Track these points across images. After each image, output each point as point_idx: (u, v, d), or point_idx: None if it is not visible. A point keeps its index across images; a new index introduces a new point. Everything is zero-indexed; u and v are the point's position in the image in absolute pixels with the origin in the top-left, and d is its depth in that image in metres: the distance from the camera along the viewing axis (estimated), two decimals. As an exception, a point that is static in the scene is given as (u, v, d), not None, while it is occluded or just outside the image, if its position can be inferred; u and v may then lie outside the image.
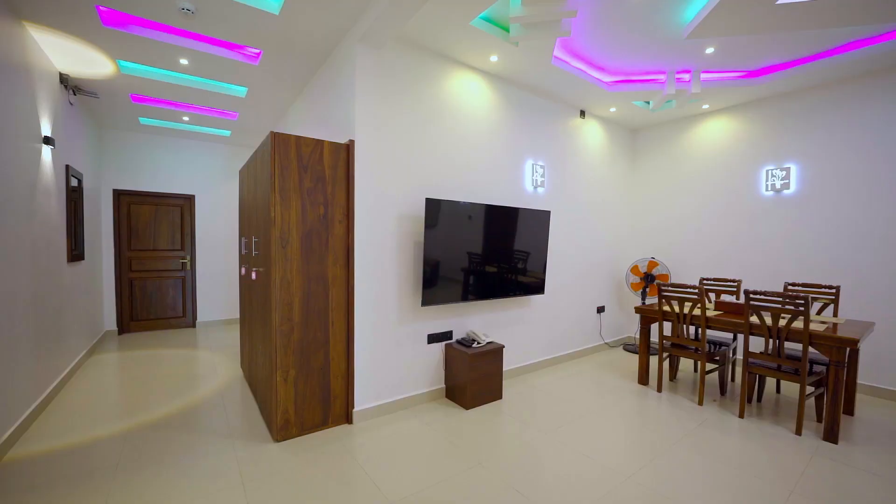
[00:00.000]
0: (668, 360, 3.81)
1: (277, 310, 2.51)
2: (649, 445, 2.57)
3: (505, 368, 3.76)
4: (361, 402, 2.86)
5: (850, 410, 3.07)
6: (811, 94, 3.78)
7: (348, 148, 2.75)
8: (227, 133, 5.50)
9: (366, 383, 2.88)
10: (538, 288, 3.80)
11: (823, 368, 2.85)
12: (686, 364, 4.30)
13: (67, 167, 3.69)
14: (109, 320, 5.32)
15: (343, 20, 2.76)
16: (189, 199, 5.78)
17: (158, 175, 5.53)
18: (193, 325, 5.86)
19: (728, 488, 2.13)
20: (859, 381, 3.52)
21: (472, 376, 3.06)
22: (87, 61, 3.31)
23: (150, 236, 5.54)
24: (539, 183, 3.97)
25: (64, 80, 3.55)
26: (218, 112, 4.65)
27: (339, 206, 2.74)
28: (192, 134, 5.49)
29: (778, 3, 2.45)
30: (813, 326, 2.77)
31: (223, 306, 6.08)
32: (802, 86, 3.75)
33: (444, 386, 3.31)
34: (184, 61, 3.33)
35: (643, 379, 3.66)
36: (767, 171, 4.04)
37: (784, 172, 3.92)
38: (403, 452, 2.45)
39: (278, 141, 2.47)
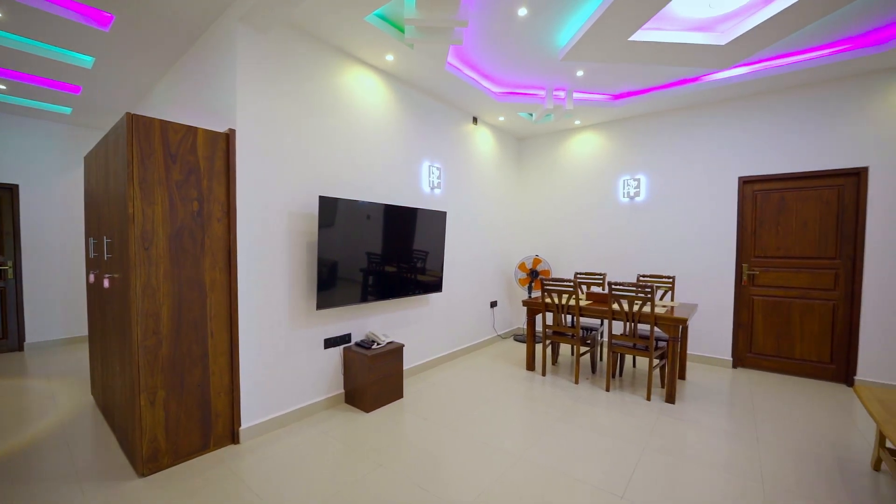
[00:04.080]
0: (550, 346, 4.26)
1: (139, 322, 2.15)
2: (537, 425, 2.84)
3: (406, 367, 3.79)
4: (250, 418, 2.61)
5: (683, 376, 3.80)
6: (656, 118, 4.57)
7: (228, 138, 2.48)
8: (66, 110, 4.51)
9: (254, 397, 2.63)
10: (436, 286, 3.92)
11: (665, 344, 3.48)
12: (565, 349, 4.85)
13: None
14: None
15: (221, -4, 2.48)
16: (10, 190, 4.59)
17: (-42, 158, 4.29)
18: (20, 349, 4.68)
19: (598, 452, 2.47)
20: (688, 351, 4.38)
21: (372, 378, 3.02)
22: None
23: (-54, 237, 4.27)
24: (435, 184, 4.09)
25: None
26: (52, 83, 3.79)
27: (218, 201, 2.45)
28: (12, 108, 4.37)
29: (629, 39, 2.91)
30: (657, 310, 3.36)
31: (64, 322, 4.97)
32: (650, 110, 4.51)
33: (343, 391, 3.20)
34: (-3, 16, 2.63)
35: (530, 365, 4.03)
36: (624, 181, 4.77)
37: (636, 182, 4.68)
38: (299, 466, 2.31)
39: (138, 124, 2.12)
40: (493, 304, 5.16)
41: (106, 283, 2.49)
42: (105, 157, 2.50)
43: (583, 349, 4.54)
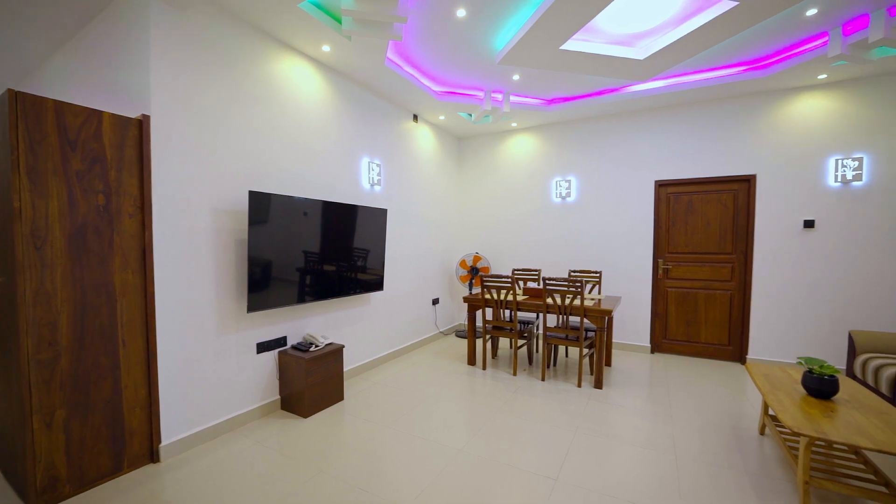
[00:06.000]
0: (490, 340, 4.39)
1: (31, 333, 1.86)
2: (477, 417, 2.92)
3: (346, 368, 3.69)
4: (171, 433, 2.38)
5: (609, 362, 4.13)
6: (585, 123, 4.89)
7: (141, 124, 2.24)
8: (-77, 84, 3.77)
9: (176, 410, 2.41)
10: (378, 284, 3.86)
11: (593, 334, 3.75)
12: (504, 342, 5.03)
13: None
14: None
15: (130, -35, 2.22)
16: None
17: None
18: None
19: (534, 439, 2.60)
20: (614, 339, 4.76)
21: (310, 382, 2.90)
22: None
23: None
24: (376, 181, 4.02)
25: None
26: None
27: (129, 195, 2.20)
28: None
29: (561, 48, 3.09)
30: (586, 303, 3.61)
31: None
32: (580, 116, 4.81)
33: (279, 397, 3.04)
34: None
35: (471, 360, 4.13)
36: (556, 182, 5.05)
37: (567, 184, 4.97)
38: (230, 480, 2.16)
39: (24, 103, 1.83)
40: (435, 302, 5.20)
41: (-16, 289, 2.12)
42: (-19, 142, 2.13)
43: (520, 342, 4.74)
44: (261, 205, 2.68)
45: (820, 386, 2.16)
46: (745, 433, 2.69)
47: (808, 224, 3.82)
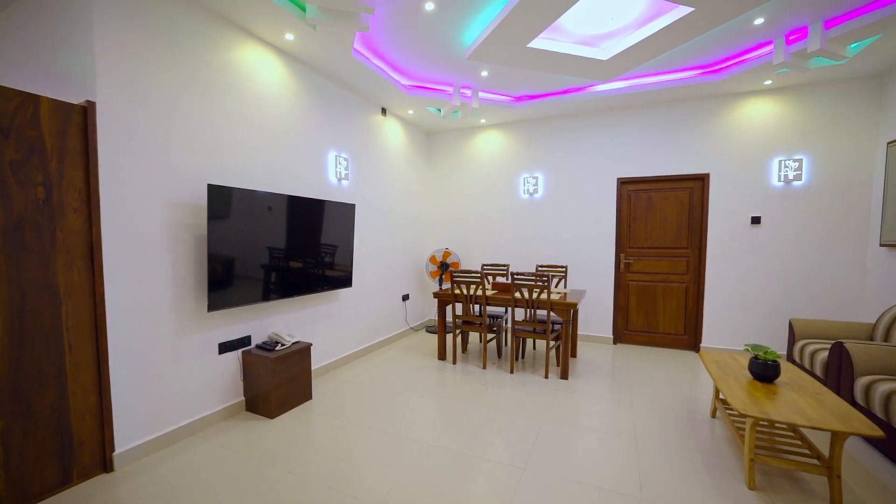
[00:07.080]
0: (460, 335, 4.43)
1: (-40, 339, 1.70)
2: (447, 411, 2.95)
3: (314, 367, 3.62)
4: (126, 440, 2.25)
5: (574, 354, 4.27)
6: (551, 121, 4.99)
7: (86, 111, 2.08)
8: None
9: (131, 416, 2.28)
10: (346, 281, 3.80)
11: (560, 326, 3.86)
12: (474, 336, 5.09)
13: None
14: None
15: (71, -62, 2.04)
16: None
17: None
18: None
19: (503, 430, 2.65)
20: (579, 332, 4.92)
21: (277, 382, 2.83)
22: None
23: None
24: (343, 175, 3.94)
25: None
26: None
27: (74, 188, 2.05)
28: None
29: (528, 46, 3.13)
30: (552, 297, 3.71)
31: None
32: (546, 114, 4.91)
33: (243, 398, 2.94)
34: None
35: (442, 355, 4.16)
36: (524, 179, 5.14)
37: (535, 180, 5.07)
38: (192, 486, 2.07)
39: (-52, 88, 1.66)
40: (406, 298, 5.18)
41: None
42: None
43: (490, 336, 4.81)
44: (221, 199, 2.56)
45: (764, 371, 2.34)
46: (698, 417, 2.86)
47: (755, 220, 4.09)
